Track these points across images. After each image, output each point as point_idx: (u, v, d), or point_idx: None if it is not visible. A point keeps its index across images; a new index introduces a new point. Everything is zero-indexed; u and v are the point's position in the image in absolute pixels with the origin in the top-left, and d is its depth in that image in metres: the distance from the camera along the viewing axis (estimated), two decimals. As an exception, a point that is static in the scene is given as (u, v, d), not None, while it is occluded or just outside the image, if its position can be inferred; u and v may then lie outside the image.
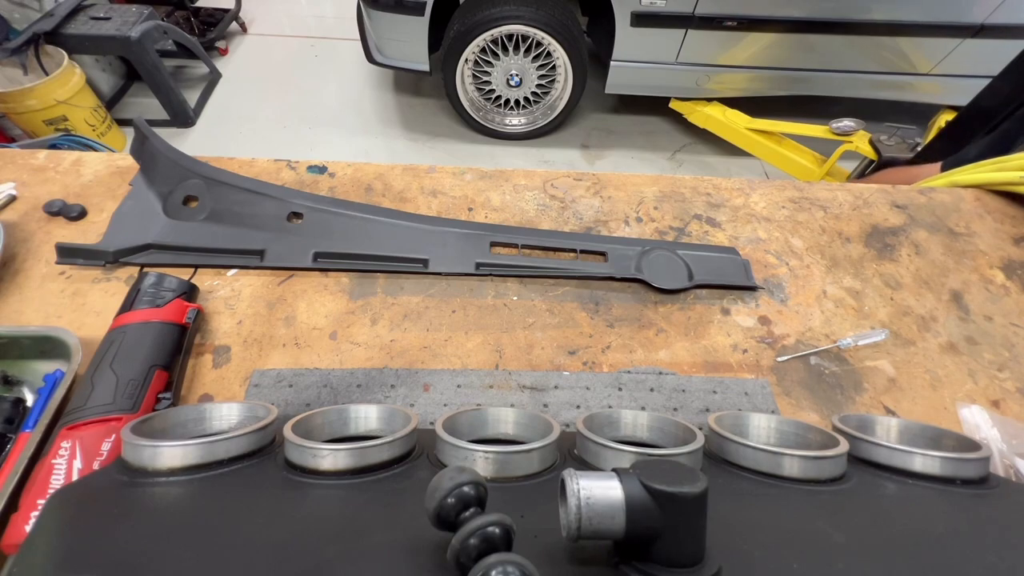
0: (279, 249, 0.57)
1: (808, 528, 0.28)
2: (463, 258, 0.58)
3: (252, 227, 0.58)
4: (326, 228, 0.59)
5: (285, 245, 0.57)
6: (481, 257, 0.58)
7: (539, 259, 0.59)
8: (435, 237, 0.59)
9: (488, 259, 0.58)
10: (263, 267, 0.56)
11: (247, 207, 0.59)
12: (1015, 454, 0.44)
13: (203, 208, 0.58)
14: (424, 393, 0.47)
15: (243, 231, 0.58)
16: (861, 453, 0.36)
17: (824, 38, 1.89)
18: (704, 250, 0.61)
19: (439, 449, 0.34)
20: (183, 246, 0.56)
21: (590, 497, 0.22)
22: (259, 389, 0.46)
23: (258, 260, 0.56)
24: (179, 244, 0.56)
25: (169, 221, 0.57)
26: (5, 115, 1.79)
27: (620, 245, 0.60)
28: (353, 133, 2.26)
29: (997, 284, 0.61)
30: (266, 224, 0.58)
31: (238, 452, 0.32)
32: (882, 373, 0.52)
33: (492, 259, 0.58)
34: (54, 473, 0.35)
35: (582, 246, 0.60)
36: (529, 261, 0.58)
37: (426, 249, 0.58)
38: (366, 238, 0.58)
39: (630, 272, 0.58)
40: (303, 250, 0.57)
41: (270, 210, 0.59)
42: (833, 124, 1.73)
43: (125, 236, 0.55)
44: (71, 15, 1.91)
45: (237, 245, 0.56)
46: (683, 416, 0.47)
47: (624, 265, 0.59)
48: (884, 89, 2.04)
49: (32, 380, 0.44)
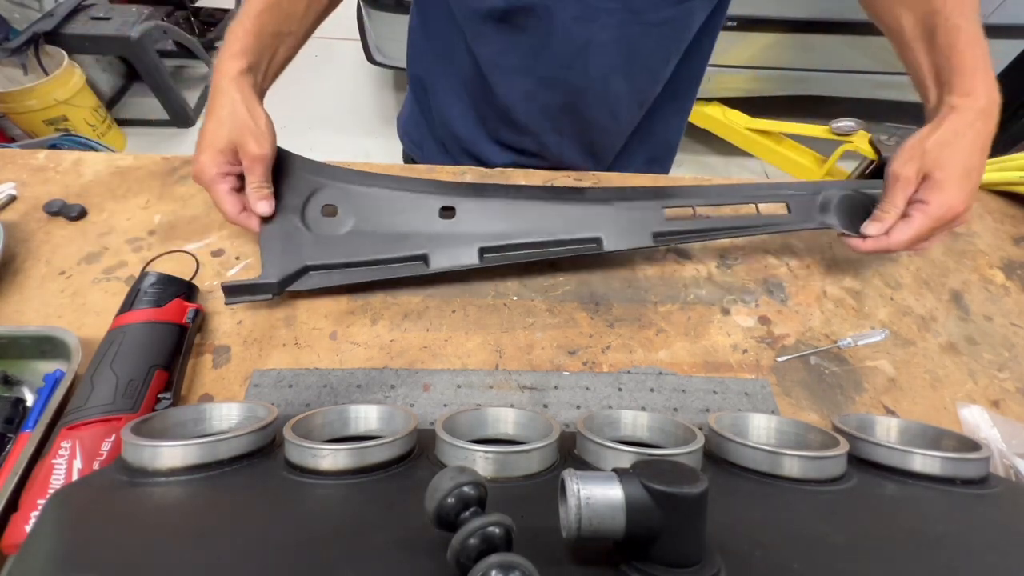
0: (441, 250, 0.52)
1: (808, 528, 0.28)
2: (638, 230, 0.53)
3: (405, 229, 0.53)
4: (483, 218, 0.53)
5: (446, 245, 0.52)
6: (657, 226, 0.54)
7: (716, 220, 0.55)
8: (603, 213, 0.54)
9: (664, 227, 0.54)
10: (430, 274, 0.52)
11: (393, 208, 0.53)
12: (1015, 454, 0.44)
13: (346, 217, 0.53)
14: (424, 393, 0.47)
15: (398, 236, 0.52)
16: (861, 453, 0.36)
17: (824, 38, 1.89)
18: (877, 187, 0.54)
19: (439, 449, 0.34)
20: (340, 263, 0.52)
21: (590, 497, 0.22)
22: (259, 389, 0.46)
23: (423, 266, 0.52)
24: (335, 261, 0.52)
25: (315, 237, 0.52)
26: (5, 115, 1.79)
27: (798, 191, 0.55)
28: (353, 133, 2.26)
29: (997, 284, 0.61)
30: (419, 223, 0.53)
31: (238, 452, 0.32)
32: (882, 373, 0.52)
33: (668, 227, 0.54)
34: (54, 473, 0.35)
35: (760, 198, 0.55)
36: (707, 224, 0.54)
37: (597, 226, 0.53)
38: (526, 223, 0.53)
39: (816, 221, 0.54)
40: (467, 247, 0.52)
41: (417, 207, 0.53)
42: (833, 124, 1.73)
43: (281, 263, 0.51)
44: (71, 15, 1.90)
45: (397, 252, 0.52)
46: (683, 416, 0.47)
47: (808, 214, 0.54)
48: (884, 89, 2.04)
49: (32, 380, 0.44)
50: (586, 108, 0.65)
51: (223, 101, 0.49)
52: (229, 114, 0.49)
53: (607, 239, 0.53)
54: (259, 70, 0.53)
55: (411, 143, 0.83)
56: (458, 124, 0.73)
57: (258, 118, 0.50)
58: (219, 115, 0.49)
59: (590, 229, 0.54)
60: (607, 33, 0.57)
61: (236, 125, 0.49)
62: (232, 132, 0.49)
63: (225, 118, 0.49)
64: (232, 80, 0.49)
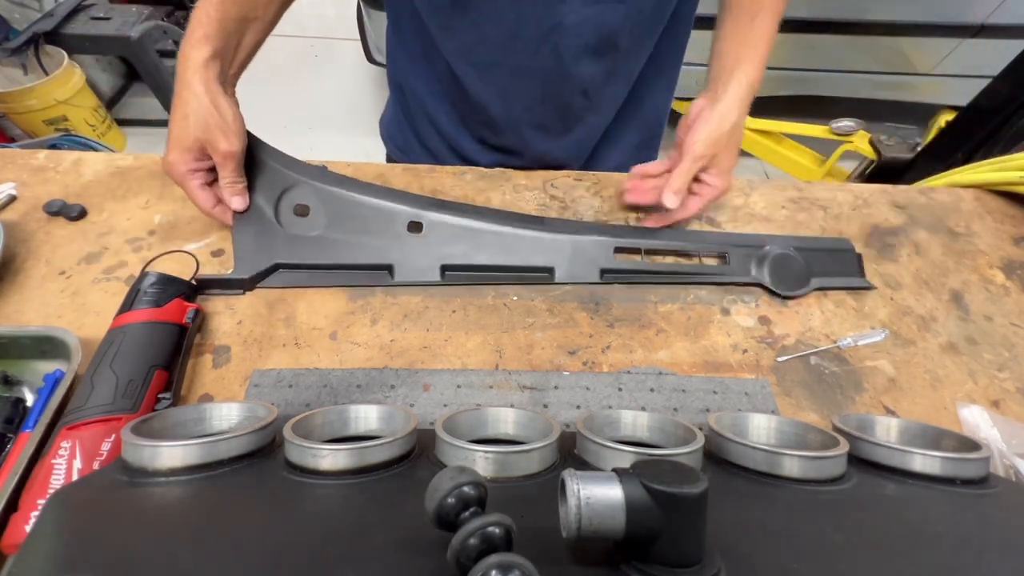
0: (406, 263, 0.53)
1: (808, 528, 0.28)
2: (588, 265, 0.56)
3: (374, 239, 0.53)
4: (448, 237, 0.55)
5: (411, 258, 0.53)
6: (606, 263, 0.57)
7: (660, 264, 0.59)
8: (558, 244, 0.56)
9: (612, 265, 0.57)
10: (394, 285, 0.53)
11: (365, 215, 0.54)
12: (1015, 454, 0.44)
13: (317, 218, 0.54)
14: (424, 393, 0.47)
15: (366, 243, 0.53)
16: (861, 453, 0.36)
17: (824, 38, 1.89)
18: (818, 244, 0.60)
19: (439, 449, 0.34)
20: (309, 264, 0.53)
21: (590, 497, 0.22)
22: (259, 389, 0.46)
23: (388, 277, 0.53)
24: (305, 262, 0.52)
25: (287, 235, 0.53)
26: (5, 115, 1.79)
27: (738, 246, 0.59)
28: (353, 133, 2.26)
29: (997, 284, 0.61)
30: (387, 234, 0.54)
31: (238, 452, 0.32)
32: (882, 373, 0.52)
33: (616, 265, 0.57)
34: (54, 473, 0.35)
35: (703, 249, 0.59)
36: (652, 266, 0.58)
37: (551, 257, 0.56)
38: (488, 248, 0.55)
39: (751, 275, 0.57)
40: (430, 263, 0.53)
41: (387, 218, 0.54)
42: (833, 124, 1.73)
43: (253, 259, 0.52)
44: (71, 15, 1.90)
45: (364, 260, 0.53)
46: (683, 416, 0.47)
47: (744, 267, 0.58)
48: (884, 89, 2.04)
49: (32, 380, 0.44)
50: (561, 95, 0.65)
51: (188, 96, 0.47)
52: (195, 109, 0.47)
53: (559, 270, 0.56)
54: (225, 57, 0.51)
55: (395, 147, 0.83)
56: (443, 123, 0.73)
57: (224, 112, 0.49)
58: (184, 111, 0.47)
59: (544, 259, 0.56)
60: (575, 15, 0.56)
61: (202, 121, 0.47)
62: (198, 129, 0.48)
63: (191, 113, 0.47)
64: (196, 70, 0.48)
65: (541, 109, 0.66)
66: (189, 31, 0.49)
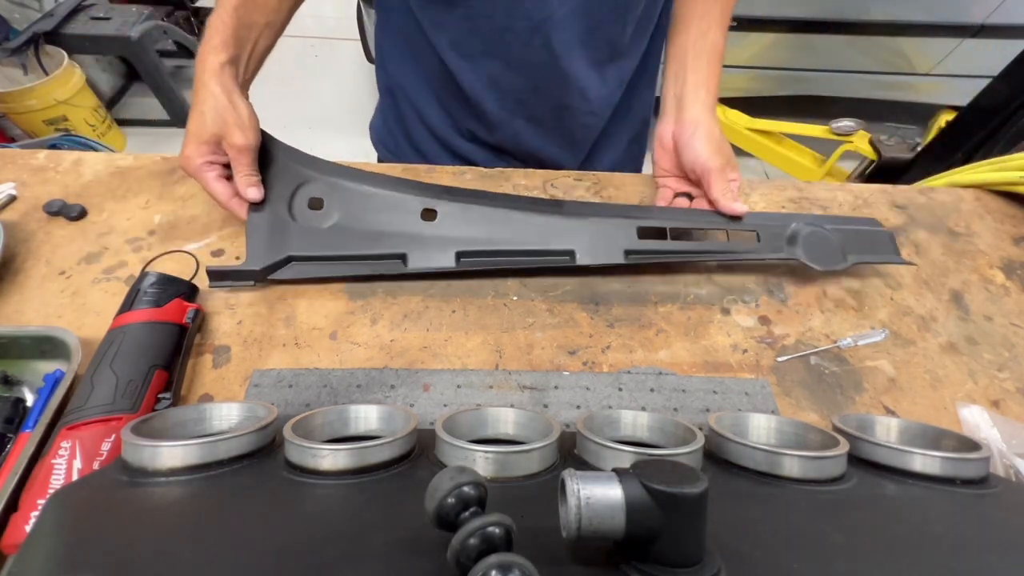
0: (420, 251, 0.53)
1: (808, 528, 0.28)
2: (612, 247, 0.55)
3: (387, 228, 0.54)
4: (462, 223, 0.55)
5: (425, 246, 0.53)
6: (629, 244, 0.55)
7: (687, 243, 0.58)
8: (578, 227, 0.55)
9: (637, 246, 0.55)
10: (408, 273, 0.53)
11: (377, 206, 0.54)
12: (1015, 454, 0.44)
13: (330, 211, 0.54)
14: (424, 393, 0.47)
15: (379, 233, 0.54)
16: (861, 453, 0.36)
17: (824, 38, 1.89)
18: (849, 223, 0.59)
19: (439, 449, 0.34)
20: (321, 255, 0.53)
21: (590, 497, 0.22)
22: (259, 389, 0.46)
23: (401, 265, 0.53)
24: (317, 254, 0.53)
25: (300, 228, 0.53)
26: (5, 115, 1.79)
27: (770, 222, 0.58)
28: (353, 133, 2.25)
29: (997, 284, 0.61)
30: (401, 223, 0.54)
31: (238, 452, 0.32)
32: (882, 373, 0.52)
33: (642, 246, 0.55)
34: (54, 473, 0.35)
35: (732, 225, 0.57)
36: (678, 246, 0.56)
37: (570, 239, 0.55)
38: (503, 231, 0.54)
39: (783, 252, 0.56)
40: (444, 250, 0.53)
41: (400, 207, 0.55)
42: (833, 124, 1.73)
43: (265, 251, 0.52)
44: (71, 15, 1.90)
45: (376, 250, 0.53)
46: (683, 416, 0.47)
47: (776, 245, 0.56)
48: (884, 89, 2.04)
49: (32, 380, 0.44)
50: (554, 90, 0.65)
51: (205, 95, 0.49)
52: (212, 107, 0.49)
53: (580, 253, 0.55)
54: (240, 62, 0.53)
55: (385, 150, 0.83)
56: (435, 122, 0.73)
57: (241, 109, 0.50)
58: (202, 109, 0.49)
59: (565, 242, 0.55)
60: (565, 7, 0.57)
61: (219, 117, 0.49)
62: (215, 124, 0.49)
63: (208, 111, 0.49)
64: (214, 73, 0.50)
65: (534, 102, 0.67)
66: (206, 38, 0.51)
